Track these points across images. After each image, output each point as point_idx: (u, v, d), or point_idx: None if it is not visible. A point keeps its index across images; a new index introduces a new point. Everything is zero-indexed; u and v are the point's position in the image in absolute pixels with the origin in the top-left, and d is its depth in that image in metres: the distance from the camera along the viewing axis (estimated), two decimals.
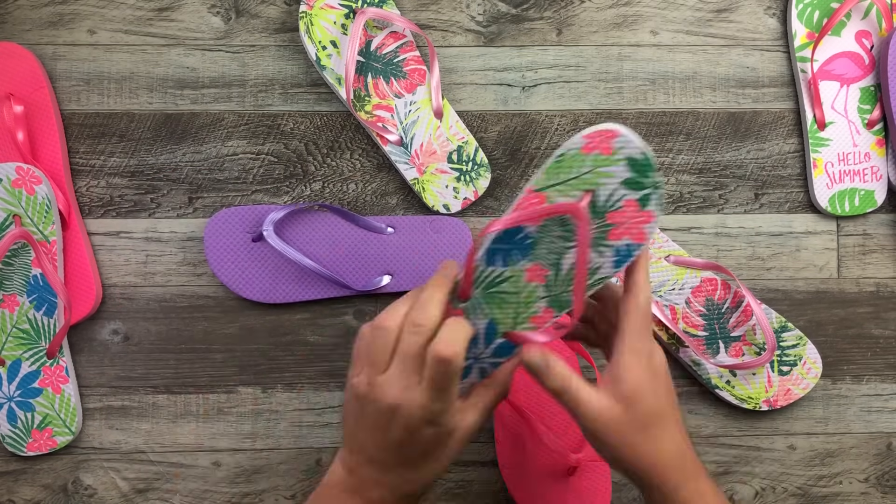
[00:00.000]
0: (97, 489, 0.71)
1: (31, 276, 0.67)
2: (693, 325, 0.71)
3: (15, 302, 0.68)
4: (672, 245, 0.71)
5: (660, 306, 0.71)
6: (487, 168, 0.72)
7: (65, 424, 0.69)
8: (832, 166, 0.73)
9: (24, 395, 0.69)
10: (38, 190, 0.67)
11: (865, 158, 0.73)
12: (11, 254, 0.67)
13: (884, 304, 0.74)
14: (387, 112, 0.71)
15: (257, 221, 0.70)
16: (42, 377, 0.69)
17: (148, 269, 0.72)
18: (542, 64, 0.73)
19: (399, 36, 0.71)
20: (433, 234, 0.71)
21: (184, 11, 0.72)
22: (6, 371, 0.68)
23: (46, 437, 0.69)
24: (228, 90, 0.72)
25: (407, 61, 0.71)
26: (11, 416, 0.69)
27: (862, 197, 0.73)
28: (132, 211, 0.72)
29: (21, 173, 0.67)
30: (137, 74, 0.72)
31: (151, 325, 0.71)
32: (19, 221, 0.67)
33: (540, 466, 0.69)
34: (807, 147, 0.73)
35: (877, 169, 0.73)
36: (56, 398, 0.69)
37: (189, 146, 0.72)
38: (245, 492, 0.71)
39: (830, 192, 0.72)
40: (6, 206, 0.67)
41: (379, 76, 0.71)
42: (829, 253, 0.74)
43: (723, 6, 0.74)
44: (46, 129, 0.70)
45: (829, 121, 0.73)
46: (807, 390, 0.71)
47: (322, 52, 0.70)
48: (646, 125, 0.74)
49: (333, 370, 0.72)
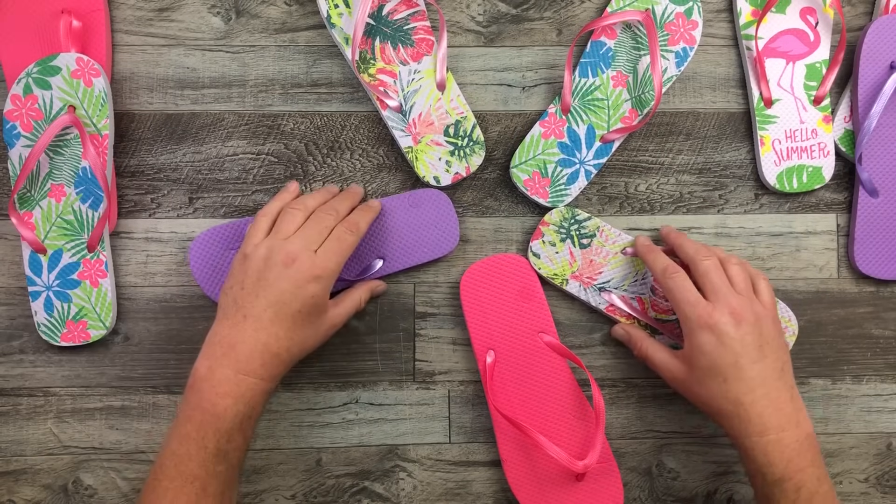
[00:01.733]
0: (97, 489, 0.71)
1: (80, 168, 0.68)
2: (663, 310, 0.71)
3: (62, 192, 0.68)
4: (626, 237, 0.72)
5: (626, 300, 0.71)
6: (482, 146, 0.71)
7: (99, 318, 0.69)
8: (779, 143, 0.73)
9: (63, 285, 0.69)
10: (96, 83, 0.67)
11: (812, 135, 0.73)
12: (63, 143, 0.68)
13: (884, 304, 0.74)
14: (390, 77, 0.71)
15: (238, 236, 0.70)
16: (81, 269, 0.69)
17: (148, 269, 0.72)
18: (543, 64, 0.73)
19: (412, 4, 0.71)
20: (412, 208, 0.71)
21: (184, 11, 0.72)
22: (47, 260, 0.69)
23: (80, 329, 0.69)
24: (228, 90, 0.72)
25: (416, 30, 0.71)
26: (48, 305, 0.69)
27: (810, 173, 0.73)
28: (132, 211, 0.72)
29: (81, 64, 0.67)
30: (137, 74, 0.72)
31: (151, 325, 0.71)
32: (73, 112, 0.67)
33: (547, 469, 0.69)
34: (754, 125, 0.74)
35: (824, 145, 0.73)
36: (93, 291, 0.69)
37: (189, 146, 0.72)
38: (245, 492, 0.71)
39: (778, 170, 0.73)
40: (63, 95, 0.67)
41: (387, 41, 0.71)
42: (829, 253, 0.74)
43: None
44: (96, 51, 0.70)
45: (776, 98, 0.73)
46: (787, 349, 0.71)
47: (333, 10, 0.70)
48: (645, 125, 0.74)
49: (333, 370, 0.72)
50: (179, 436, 0.58)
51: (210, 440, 0.58)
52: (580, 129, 0.71)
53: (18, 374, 0.71)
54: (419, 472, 0.72)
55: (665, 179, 0.74)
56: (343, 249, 0.63)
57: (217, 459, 0.58)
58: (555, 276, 0.71)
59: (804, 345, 0.73)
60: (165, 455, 0.59)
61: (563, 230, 0.71)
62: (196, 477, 0.57)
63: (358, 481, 0.72)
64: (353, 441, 0.72)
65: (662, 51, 0.71)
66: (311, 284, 0.60)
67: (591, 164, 0.71)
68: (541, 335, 0.70)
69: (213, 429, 0.58)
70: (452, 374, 0.72)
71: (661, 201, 0.74)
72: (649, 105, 0.71)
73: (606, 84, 0.71)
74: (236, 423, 0.58)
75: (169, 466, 0.58)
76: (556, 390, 0.70)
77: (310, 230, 0.62)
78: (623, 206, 0.73)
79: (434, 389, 0.72)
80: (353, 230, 0.64)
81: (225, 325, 0.60)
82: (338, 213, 0.64)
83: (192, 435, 0.58)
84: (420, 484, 0.72)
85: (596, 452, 0.67)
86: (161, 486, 0.58)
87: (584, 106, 0.71)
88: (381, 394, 0.72)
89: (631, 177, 0.74)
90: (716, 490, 0.73)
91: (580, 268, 0.71)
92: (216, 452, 0.58)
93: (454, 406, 0.72)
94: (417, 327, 0.72)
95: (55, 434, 0.71)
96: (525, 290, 0.71)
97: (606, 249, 0.71)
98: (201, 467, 0.57)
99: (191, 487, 0.57)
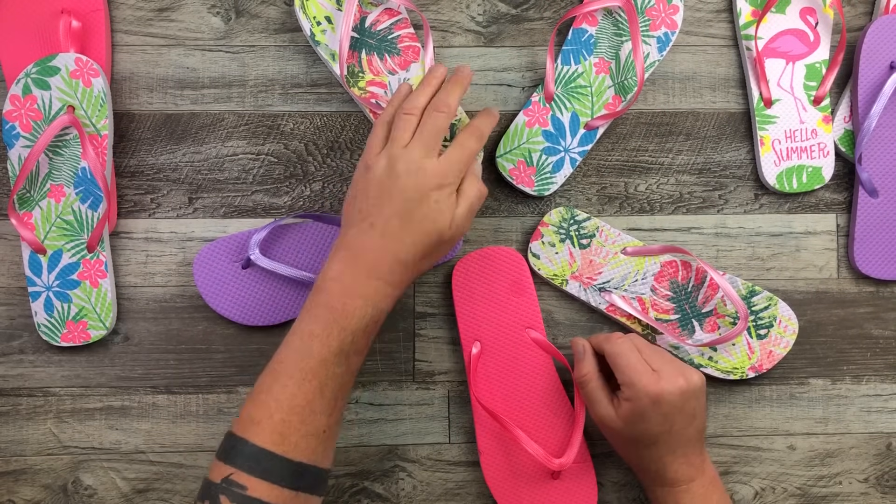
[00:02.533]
0: (97, 489, 0.71)
1: (80, 168, 0.68)
2: (663, 310, 0.71)
3: (62, 192, 0.68)
4: (626, 237, 0.72)
5: (627, 299, 0.71)
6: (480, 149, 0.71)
7: (99, 319, 0.69)
8: (779, 143, 0.73)
9: (63, 286, 0.69)
10: (95, 83, 0.67)
11: (812, 135, 0.73)
12: (62, 144, 0.68)
13: (884, 304, 0.74)
14: (380, 88, 0.71)
15: (240, 248, 0.70)
16: (81, 270, 0.69)
17: (148, 269, 0.72)
18: (543, 64, 0.73)
19: (394, 13, 0.71)
20: None
21: (184, 12, 0.72)
22: (47, 260, 0.69)
23: (81, 330, 0.69)
24: (228, 90, 0.72)
25: (401, 38, 0.71)
26: (48, 306, 0.69)
27: (810, 174, 0.73)
28: (132, 211, 0.72)
29: (80, 65, 0.67)
30: (137, 74, 0.72)
31: (151, 325, 0.71)
32: (72, 112, 0.67)
33: (524, 465, 0.69)
34: (754, 125, 0.74)
35: (824, 145, 0.73)
36: (93, 292, 0.69)
37: (189, 146, 0.72)
38: None
39: (778, 170, 0.72)
40: (62, 95, 0.67)
41: (373, 52, 0.71)
42: (829, 253, 0.74)
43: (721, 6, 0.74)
44: (95, 51, 0.70)
45: (776, 98, 0.73)
46: (787, 349, 0.71)
47: (317, 28, 0.70)
48: (645, 125, 0.74)
49: None
50: (303, 333, 0.58)
51: (334, 339, 0.57)
52: (564, 116, 0.71)
53: (18, 374, 0.71)
54: (419, 472, 0.72)
55: (665, 179, 0.74)
56: (465, 157, 0.61)
57: (338, 359, 0.57)
58: (554, 276, 0.71)
59: (804, 345, 0.73)
60: (285, 351, 0.58)
61: (562, 231, 0.71)
62: (315, 375, 0.57)
63: (358, 481, 0.72)
64: (353, 441, 0.72)
65: (644, 36, 0.71)
66: (435, 192, 0.59)
67: (576, 152, 0.71)
68: (528, 331, 0.70)
69: (339, 327, 0.57)
70: (452, 374, 0.72)
71: (660, 201, 0.74)
72: (632, 91, 0.71)
73: (589, 71, 0.71)
74: (362, 324, 0.58)
75: (289, 362, 0.57)
76: (539, 387, 0.70)
77: (426, 135, 0.61)
78: (623, 207, 0.73)
79: (434, 389, 0.72)
80: (476, 135, 0.63)
81: (351, 233, 0.60)
82: (450, 108, 0.62)
83: (316, 332, 0.57)
84: (420, 484, 0.72)
85: (573, 452, 0.67)
86: (279, 381, 0.57)
87: (568, 93, 0.71)
88: (381, 394, 0.72)
89: (631, 177, 0.74)
90: None
91: (580, 268, 0.71)
92: (338, 352, 0.57)
93: (454, 406, 0.72)
94: (417, 327, 0.72)
95: (55, 434, 0.71)
96: (517, 285, 0.71)
97: (606, 249, 0.71)
98: (321, 365, 0.57)
99: (308, 386, 0.56)
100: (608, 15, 0.72)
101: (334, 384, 0.58)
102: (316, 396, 0.57)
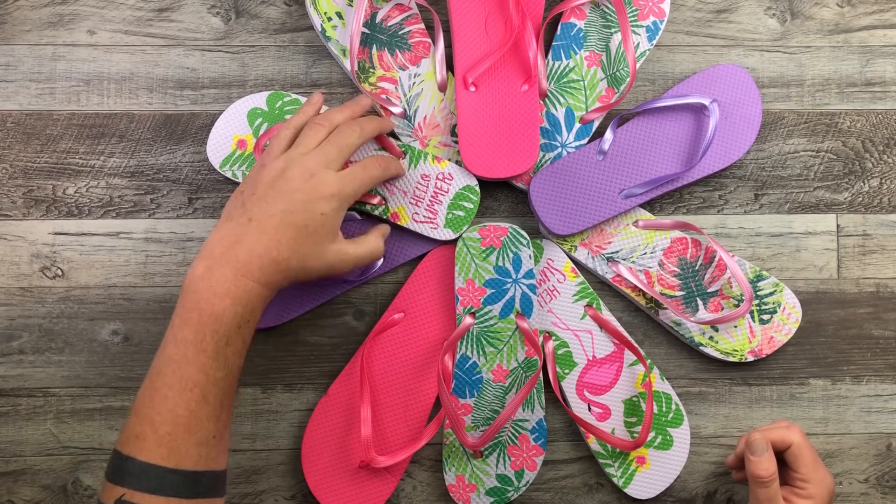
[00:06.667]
0: (97, 489, 0.71)
1: None
2: (669, 286, 0.71)
3: None
4: (638, 210, 0.72)
5: (634, 271, 0.71)
6: None
7: None
8: None
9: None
10: None
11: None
12: None
13: (884, 304, 0.74)
14: (391, 84, 0.71)
15: None
16: None
17: (148, 269, 0.72)
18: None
19: (404, 8, 0.71)
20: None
21: (184, 12, 0.72)
22: None
23: None
24: (228, 91, 0.72)
25: (412, 34, 0.71)
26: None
27: None
28: (132, 211, 0.72)
29: None
30: (137, 75, 0.72)
31: (151, 325, 0.71)
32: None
33: (348, 439, 0.69)
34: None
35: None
36: None
37: (189, 146, 0.72)
38: (245, 492, 0.71)
39: None
40: None
41: (384, 48, 0.71)
42: (829, 253, 0.74)
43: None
44: None
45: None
46: (789, 336, 0.71)
47: (327, 24, 0.70)
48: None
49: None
50: (176, 340, 0.56)
51: (209, 343, 0.56)
52: (559, 112, 0.71)
53: (18, 375, 0.71)
54: (419, 472, 0.72)
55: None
56: (366, 179, 0.62)
57: (217, 364, 0.56)
58: (563, 241, 0.71)
59: (804, 345, 0.73)
60: (162, 361, 0.56)
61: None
62: (196, 383, 0.55)
63: None
64: None
65: (633, 26, 0.72)
66: (323, 202, 0.59)
67: (573, 147, 0.72)
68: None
69: (210, 330, 0.56)
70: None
71: (660, 201, 0.74)
72: (625, 82, 0.71)
73: (581, 65, 0.72)
74: (234, 325, 0.57)
75: (167, 372, 0.56)
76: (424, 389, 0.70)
77: (331, 147, 0.61)
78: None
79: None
80: (383, 166, 0.63)
81: (228, 226, 0.59)
82: (362, 131, 0.63)
83: (189, 338, 0.56)
84: (420, 484, 0.72)
85: (393, 460, 0.67)
86: (159, 393, 0.55)
87: (561, 89, 0.72)
88: None
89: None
90: (716, 490, 0.73)
91: (590, 236, 0.71)
92: (215, 356, 0.56)
93: None
94: None
95: (54, 434, 0.71)
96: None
97: (617, 220, 0.72)
98: (201, 372, 0.56)
99: (190, 395, 0.55)
100: (596, 7, 0.72)
101: (217, 389, 0.57)
102: (200, 404, 0.55)
